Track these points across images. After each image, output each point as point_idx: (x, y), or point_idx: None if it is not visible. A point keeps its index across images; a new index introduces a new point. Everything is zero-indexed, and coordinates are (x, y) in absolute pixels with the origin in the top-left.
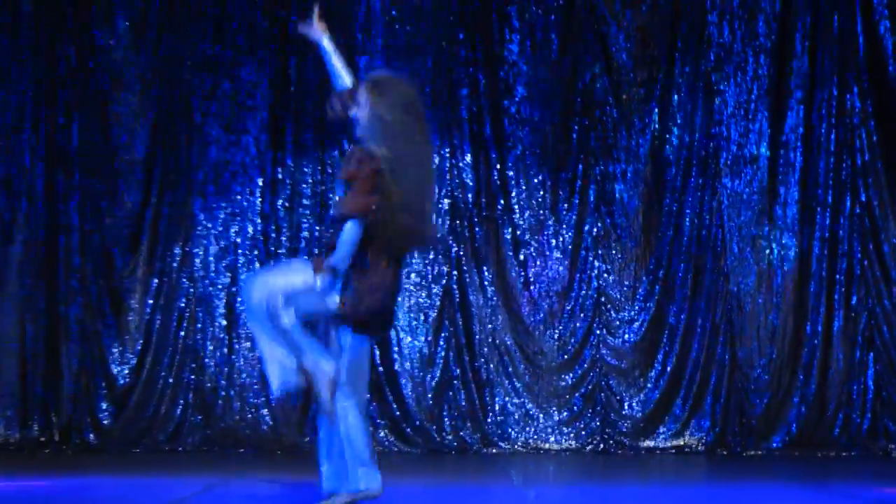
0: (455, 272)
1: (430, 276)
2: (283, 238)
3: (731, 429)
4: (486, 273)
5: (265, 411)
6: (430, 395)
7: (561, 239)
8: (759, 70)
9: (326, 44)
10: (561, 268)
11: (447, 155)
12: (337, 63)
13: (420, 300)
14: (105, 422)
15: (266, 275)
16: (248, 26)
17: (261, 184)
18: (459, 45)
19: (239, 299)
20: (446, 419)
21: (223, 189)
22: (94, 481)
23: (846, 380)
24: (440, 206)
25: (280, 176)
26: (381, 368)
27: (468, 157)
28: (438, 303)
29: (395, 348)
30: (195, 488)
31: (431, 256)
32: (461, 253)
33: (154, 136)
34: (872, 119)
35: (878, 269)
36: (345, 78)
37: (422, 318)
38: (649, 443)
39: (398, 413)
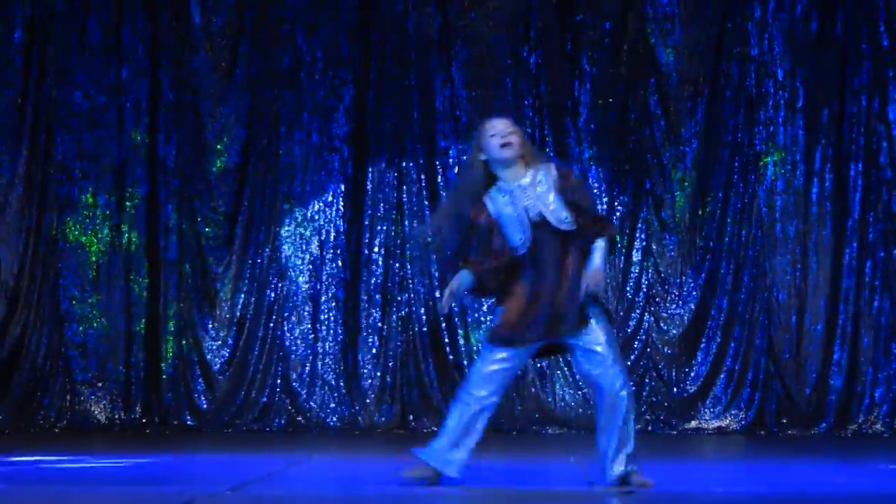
0: None
1: None
2: (364, 242)
3: (769, 410)
4: None
5: (345, 393)
6: None
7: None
8: (796, 81)
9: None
10: (615, 267)
11: None
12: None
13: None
14: (200, 405)
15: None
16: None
17: (342, 190)
18: (525, 61)
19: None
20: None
21: (307, 195)
22: (189, 458)
23: (875, 365)
24: None
25: (360, 184)
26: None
27: None
28: None
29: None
30: (279, 465)
31: None
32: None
33: (245, 146)
34: None
35: None
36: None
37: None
38: (693, 423)
39: None
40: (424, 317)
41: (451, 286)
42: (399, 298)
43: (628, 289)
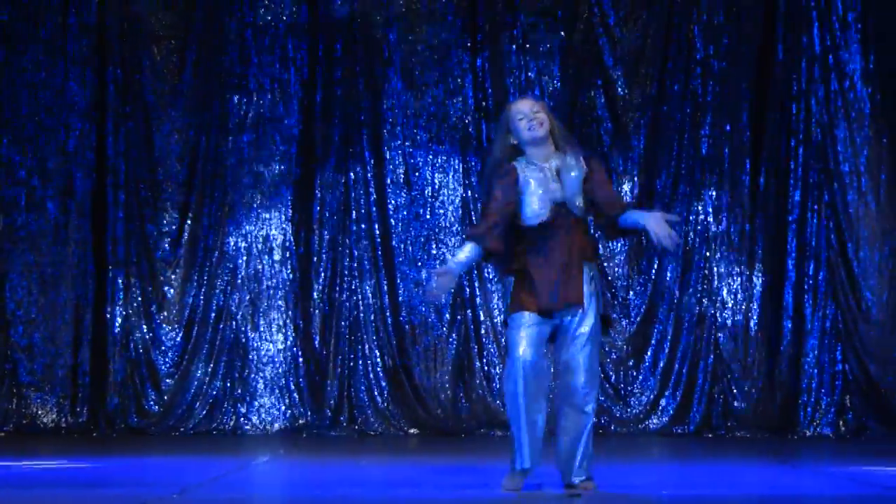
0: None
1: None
2: (313, 245)
3: (715, 413)
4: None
5: (296, 395)
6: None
7: None
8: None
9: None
10: None
11: (460, 166)
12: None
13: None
14: (149, 408)
15: None
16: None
17: (291, 194)
18: (473, 65)
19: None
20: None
21: (255, 198)
22: (137, 461)
23: (821, 369)
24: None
25: (308, 188)
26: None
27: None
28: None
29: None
30: (228, 468)
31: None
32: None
33: (194, 149)
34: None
35: (843, 273)
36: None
37: (435, 313)
38: (641, 426)
39: (414, 398)
40: (373, 320)
41: (450, 270)
42: (347, 301)
43: None
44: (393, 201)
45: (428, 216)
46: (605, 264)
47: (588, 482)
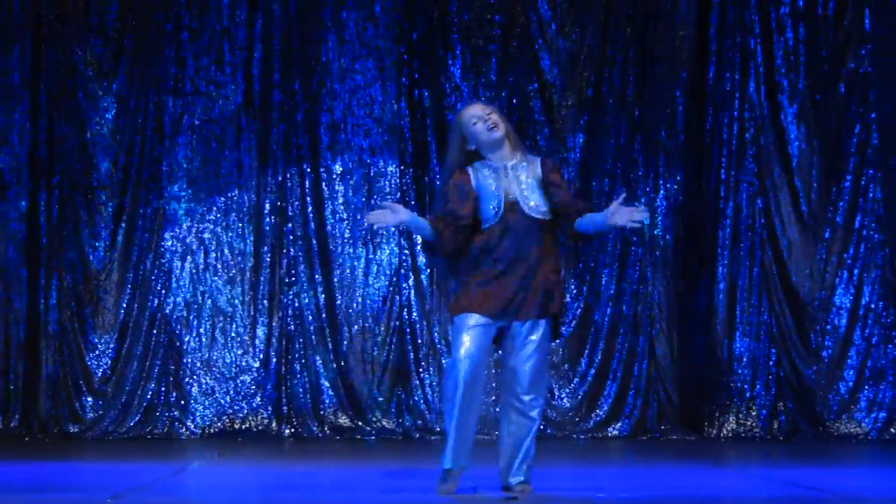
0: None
1: (381, 276)
2: (248, 249)
3: (650, 416)
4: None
5: (232, 399)
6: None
7: None
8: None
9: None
10: None
11: (395, 170)
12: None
13: (371, 299)
14: (82, 413)
15: None
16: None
17: (227, 197)
18: (409, 69)
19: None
20: (393, 408)
21: (191, 201)
22: (70, 466)
23: (755, 370)
24: None
25: (246, 191)
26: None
27: (415, 172)
28: (387, 303)
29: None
30: (162, 473)
31: (384, 262)
32: (403, 258)
33: (129, 151)
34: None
35: (777, 275)
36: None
37: (371, 315)
38: (577, 429)
39: (347, 400)
40: (311, 322)
41: (401, 213)
42: (285, 305)
43: None
44: (331, 204)
45: (364, 221)
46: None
47: (525, 485)
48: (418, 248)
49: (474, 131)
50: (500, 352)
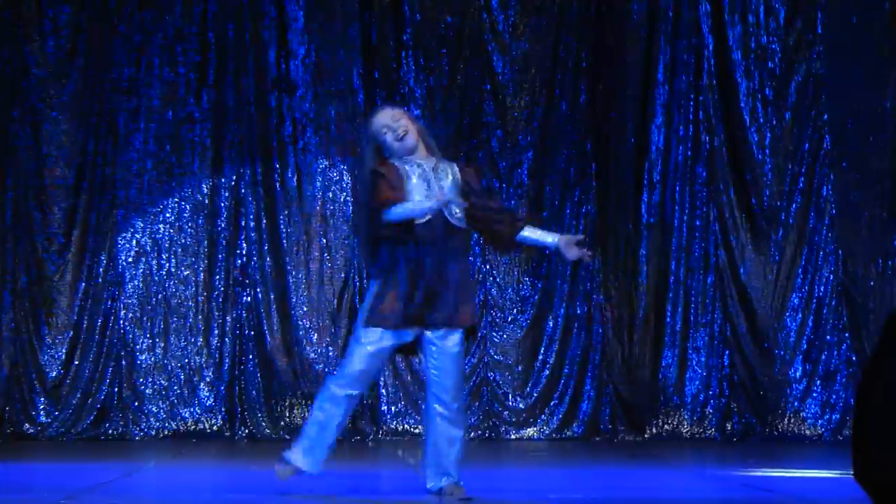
0: (355, 275)
1: (335, 278)
2: (203, 248)
3: (603, 417)
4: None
5: (185, 400)
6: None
7: None
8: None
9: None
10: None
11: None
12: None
13: (328, 301)
14: (35, 414)
15: None
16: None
17: (181, 197)
18: (362, 68)
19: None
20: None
21: (144, 202)
22: (24, 467)
23: (708, 371)
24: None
25: (198, 192)
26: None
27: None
28: (343, 304)
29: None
30: (115, 474)
31: (340, 262)
32: (355, 262)
33: (83, 153)
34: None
35: (730, 277)
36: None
37: (329, 317)
38: (530, 431)
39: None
40: (265, 323)
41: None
42: (239, 305)
43: None
44: (284, 206)
45: (317, 222)
46: (496, 271)
47: (457, 487)
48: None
49: (385, 140)
50: (418, 361)
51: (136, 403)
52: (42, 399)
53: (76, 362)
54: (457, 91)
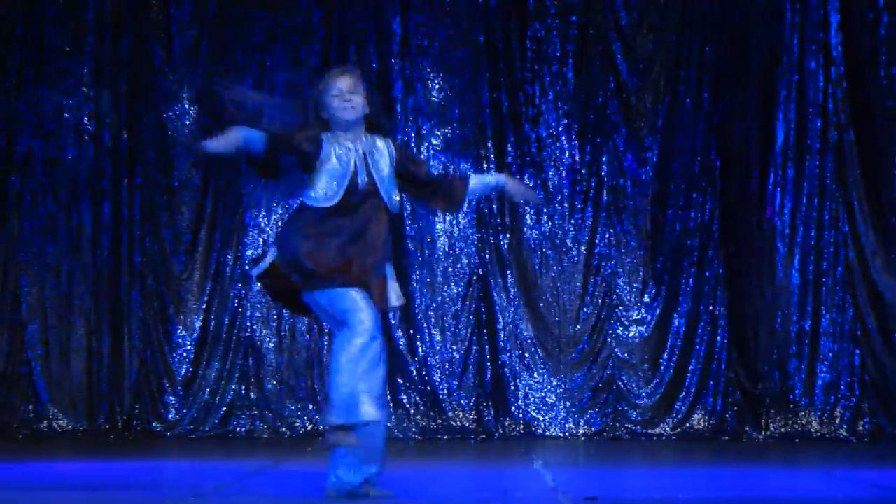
0: (481, 273)
1: (460, 275)
2: None
3: (729, 416)
4: (510, 275)
5: (312, 399)
6: (457, 385)
7: (577, 244)
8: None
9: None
10: (576, 273)
11: (472, 169)
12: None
13: (450, 299)
14: (165, 412)
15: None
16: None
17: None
18: (485, 70)
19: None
20: (474, 407)
21: (271, 200)
22: (153, 464)
23: (837, 369)
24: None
25: None
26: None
27: (492, 172)
28: (467, 302)
29: (428, 342)
30: (242, 472)
31: (464, 261)
32: (486, 258)
33: (209, 155)
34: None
35: (861, 283)
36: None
37: (452, 315)
38: (656, 429)
39: (428, 401)
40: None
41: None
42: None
43: (588, 296)
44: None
45: (438, 221)
46: (622, 269)
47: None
48: None
49: (330, 103)
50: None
51: (264, 402)
52: (171, 397)
53: (204, 361)
54: (581, 89)
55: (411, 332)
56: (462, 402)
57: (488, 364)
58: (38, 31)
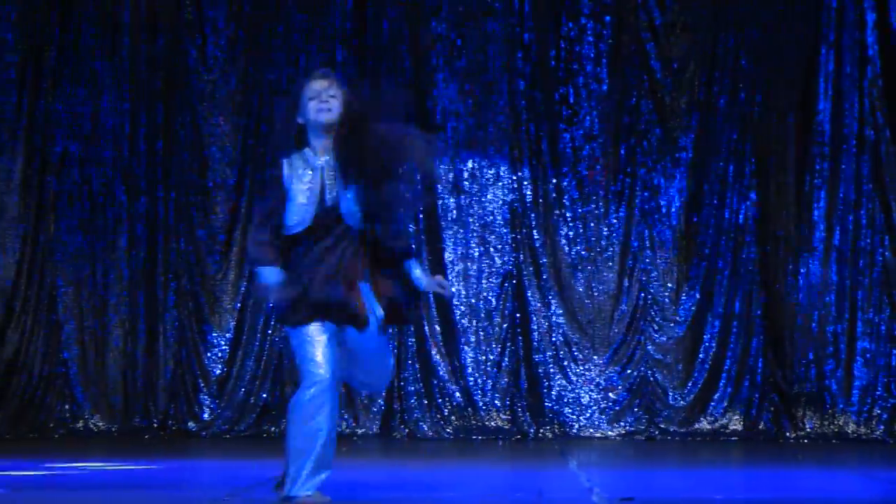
0: (515, 272)
1: (494, 276)
2: None
3: (765, 416)
4: (544, 275)
5: (344, 398)
6: (491, 385)
7: (611, 244)
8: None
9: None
10: (611, 273)
11: (507, 170)
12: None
13: (486, 299)
14: (199, 411)
15: None
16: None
17: None
18: (520, 70)
19: None
20: (508, 407)
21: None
22: (187, 464)
23: (874, 370)
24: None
25: None
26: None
27: (527, 172)
28: (501, 302)
29: (462, 342)
30: (276, 472)
31: (498, 261)
32: (521, 258)
33: (244, 150)
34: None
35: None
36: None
37: (486, 315)
38: (691, 429)
39: (463, 401)
40: (426, 326)
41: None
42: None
43: (623, 295)
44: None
45: (477, 226)
46: (656, 269)
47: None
48: None
49: (306, 106)
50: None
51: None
52: (205, 397)
53: (238, 361)
54: (615, 89)
55: (446, 332)
56: (496, 402)
57: (522, 364)
58: (74, 31)
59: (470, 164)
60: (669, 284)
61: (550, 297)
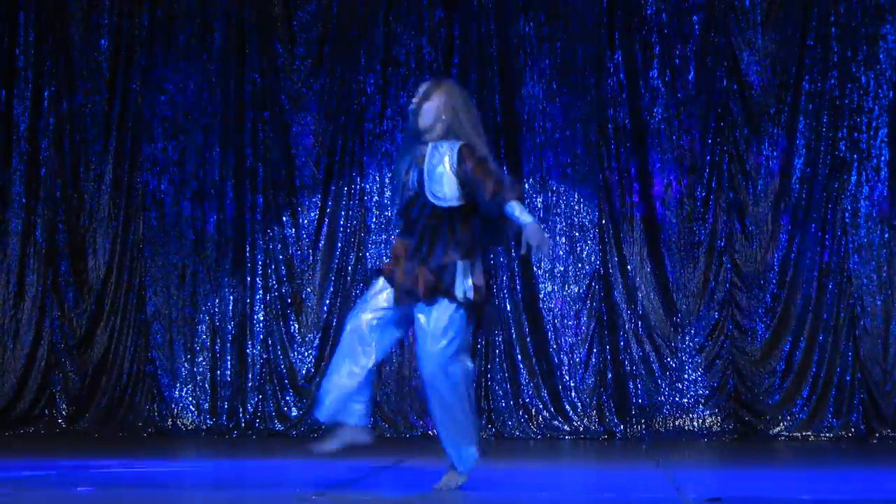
0: (603, 271)
1: (581, 275)
2: None
3: (855, 416)
4: (631, 275)
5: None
6: (579, 385)
7: (699, 244)
8: (880, 90)
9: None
10: (697, 272)
11: (597, 167)
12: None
13: (571, 297)
14: (287, 411)
15: None
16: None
17: None
18: (606, 69)
19: None
20: (598, 406)
21: (389, 202)
22: (275, 462)
23: None
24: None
25: None
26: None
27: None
28: (588, 301)
29: (551, 342)
30: (364, 471)
31: (585, 259)
32: (607, 257)
33: (332, 150)
34: None
35: None
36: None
37: (573, 314)
38: (777, 430)
39: (550, 400)
40: (513, 322)
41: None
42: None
43: (708, 295)
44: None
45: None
46: (743, 269)
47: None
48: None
49: (411, 108)
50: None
51: (385, 402)
52: (293, 396)
53: (326, 360)
54: (702, 88)
55: (534, 332)
56: (584, 401)
57: (609, 363)
58: (165, 32)
59: (558, 161)
60: (756, 286)
61: (637, 297)
